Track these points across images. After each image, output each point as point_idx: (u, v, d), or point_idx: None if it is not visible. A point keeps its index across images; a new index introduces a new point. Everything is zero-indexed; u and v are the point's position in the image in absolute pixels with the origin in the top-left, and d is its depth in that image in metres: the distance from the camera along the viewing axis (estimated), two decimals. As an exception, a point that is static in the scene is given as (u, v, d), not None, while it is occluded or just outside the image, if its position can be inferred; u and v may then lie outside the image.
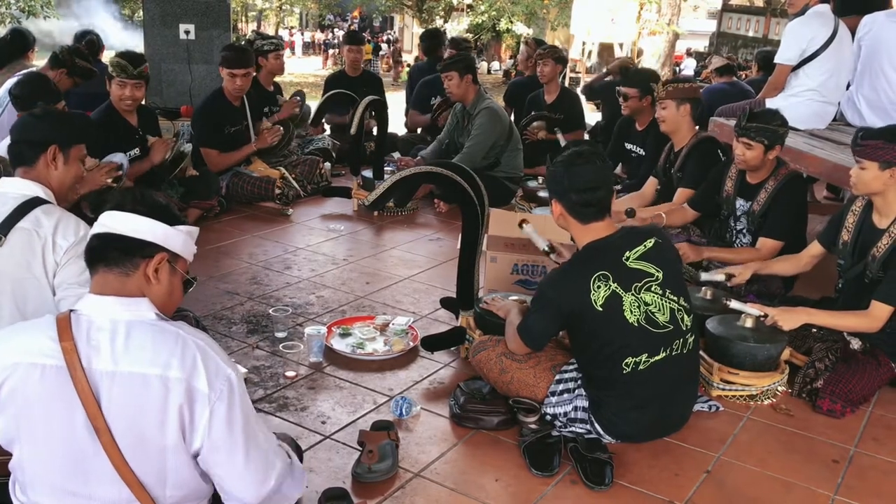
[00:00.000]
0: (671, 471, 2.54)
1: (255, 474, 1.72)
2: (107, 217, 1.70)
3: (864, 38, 4.66)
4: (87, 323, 1.64)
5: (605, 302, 2.47)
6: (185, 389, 1.61)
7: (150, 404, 1.60)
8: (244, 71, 5.07)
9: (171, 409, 1.61)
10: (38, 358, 1.60)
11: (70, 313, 1.65)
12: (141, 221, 1.69)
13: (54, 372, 1.59)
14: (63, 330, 1.61)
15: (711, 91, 6.64)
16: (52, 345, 1.60)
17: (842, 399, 2.91)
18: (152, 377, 1.60)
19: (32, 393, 1.60)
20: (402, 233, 4.96)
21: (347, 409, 2.83)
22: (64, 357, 1.58)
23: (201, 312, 3.44)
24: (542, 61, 6.20)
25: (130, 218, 1.69)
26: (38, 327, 1.65)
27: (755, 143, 3.55)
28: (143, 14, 6.83)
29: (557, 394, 2.65)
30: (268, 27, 32.33)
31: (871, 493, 2.49)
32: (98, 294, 1.67)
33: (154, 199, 1.76)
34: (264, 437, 1.76)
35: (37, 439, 1.62)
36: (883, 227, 3.05)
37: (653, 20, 18.77)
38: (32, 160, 2.50)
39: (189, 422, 1.63)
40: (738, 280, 3.38)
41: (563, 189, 2.56)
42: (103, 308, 1.65)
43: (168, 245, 1.72)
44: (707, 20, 29.29)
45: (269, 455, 1.75)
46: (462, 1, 23.58)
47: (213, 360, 1.66)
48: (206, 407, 1.63)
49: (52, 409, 1.60)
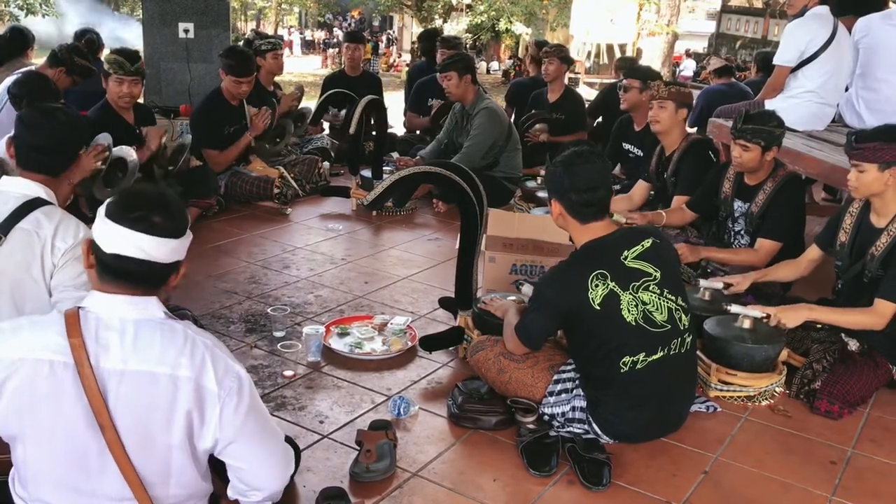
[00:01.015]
0: (669, 471, 2.54)
1: (276, 466, 1.81)
2: (142, 241, 1.63)
3: (861, 41, 4.67)
4: (95, 320, 1.64)
5: (602, 301, 2.47)
6: (195, 388, 1.63)
7: (158, 402, 1.62)
8: (249, 78, 5.11)
9: (179, 408, 1.62)
10: (46, 354, 1.60)
11: (78, 310, 1.65)
12: (175, 244, 1.68)
13: (61, 368, 1.59)
14: (71, 326, 1.61)
15: (710, 92, 6.66)
16: (61, 340, 1.60)
17: (839, 400, 2.92)
18: (162, 375, 1.61)
19: (38, 389, 1.60)
20: (400, 232, 4.96)
21: (345, 409, 2.83)
22: (72, 353, 1.59)
23: (199, 312, 3.44)
24: (548, 59, 6.21)
25: (165, 243, 1.65)
26: (45, 323, 1.65)
27: (752, 144, 3.55)
28: (142, 13, 6.82)
29: (555, 394, 2.65)
30: (267, 26, 32.30)
31: (868, 494, 2.50)
32: (107, 293, 1.67)
33: (178, 209, 1.71)
34: (277, 427, 1.85)
35: (41, 435, 1.62)
36: (881, 227, 3.05)
37: (652, 21, 18.78)
38: (60, 171, 2.48)
39: (199, 420, 1.65)
40: (736, 289, 3.38)
41: (564, 189, 2.57)
42: (112, 306, 1.65)
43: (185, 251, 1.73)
44: (706, 21, 29.31)
45: (282, 442, 1.84)
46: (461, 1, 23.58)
47: (222, 359, 1.70)
48: (217, 405, 1.66)
49: (58, 406, 1.60)
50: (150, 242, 1.64)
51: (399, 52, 31.65)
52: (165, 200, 1.69)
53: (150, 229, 1.63)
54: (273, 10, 32.43)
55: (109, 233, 1.64)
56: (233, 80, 5.04)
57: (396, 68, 26.70)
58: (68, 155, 2.50)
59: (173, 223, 1.67)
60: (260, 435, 1.76)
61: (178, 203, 1.74)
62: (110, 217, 1.64)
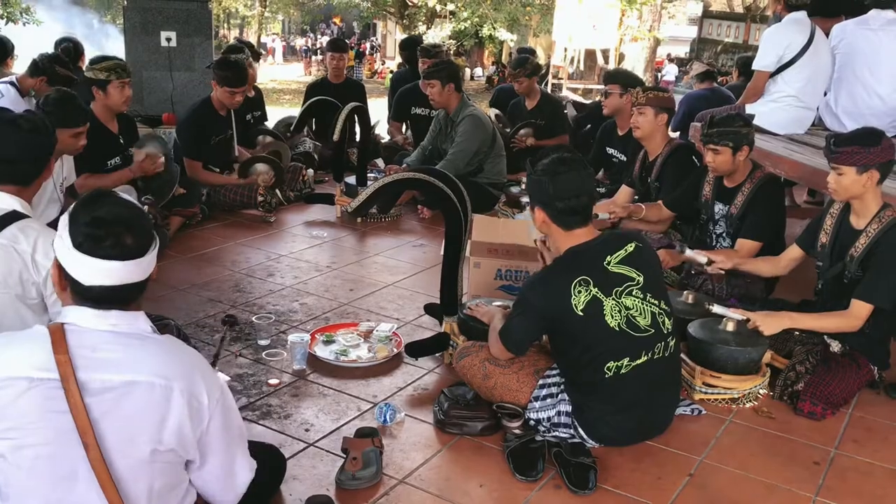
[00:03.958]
0: (654, 474, 2.55)
1: (241, 477, 1.83)
2: (119, 268, 1.61)
3: (837, 47, 4.73)
4: (81, 335, 1.61)
5: (585, 307, 2.48)
6: (188, 401, 1.63)
7: (148, 414, 1.60)
8: (243, 88, 5.22)
9: (170, 420, 1.61)
10: (32, 371, 1.57)
11: (63, 325, 1.62)
12: (150, 256, 1.66)
13: (48, 385, 1.56)
14: (57, 342, 1.58)
15: (692, 97, 6.71)
16: (47, 357, 1.57)
17: (822, 401, 2.94)
18: (156, 385, 1.60)
19: (24, 406, 1.57)
20: (385, 239, 4.96)
21: (331, 417, 2.82)
22: (58, 370, 1.56)
23: (184, 321, 3.43)
24: (517, 81, 6.34)
25: (140, 262, 1.64)
26: (31, 339, 1.62)
27: (721, 147, 3.59)
28: (123, 22, 6.79)
29: (540, 399, 2.65)
30: (250, 34, 32.20)
31: (851, 494, 2.52)
32: (90, 308, 1.64)
33: (143, 221, 1.69)
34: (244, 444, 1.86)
35: (25, 452, 1.59)
36: (860, 228, 3.09)
37: (634, 27, 18.88)
38: (31, 179, 2.44)
39: (186, 432, 1.64)
40: (717, 266, 3.42)
41: (548, 198, 2.56)
42: (98, 321, 1.64)
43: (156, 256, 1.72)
44: (688, 26, 29.51)
45: (242, 459, 1.85)
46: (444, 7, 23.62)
47: (209, 371, 1.71)
48: (206, 417, 1.66)
49: (43, 423, 1.57)
50: (127, 266, 1.62)
51: (383, 58, 31.69)
52: (130, 217, 1.65)
53: (125, 254, 1.61)
54: (257, 18, 32.35)
55: (84, 266, 1.60)
56: (227, 91, 5.08)
57: (380, 75, 26.72)
58: (37, 163, 2.47)
59: (144, 237, 1.65)
60: (237, 448, 1.78)
61: (140, 212, 1.72)
62: (82, 250, 1.59)
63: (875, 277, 2.99)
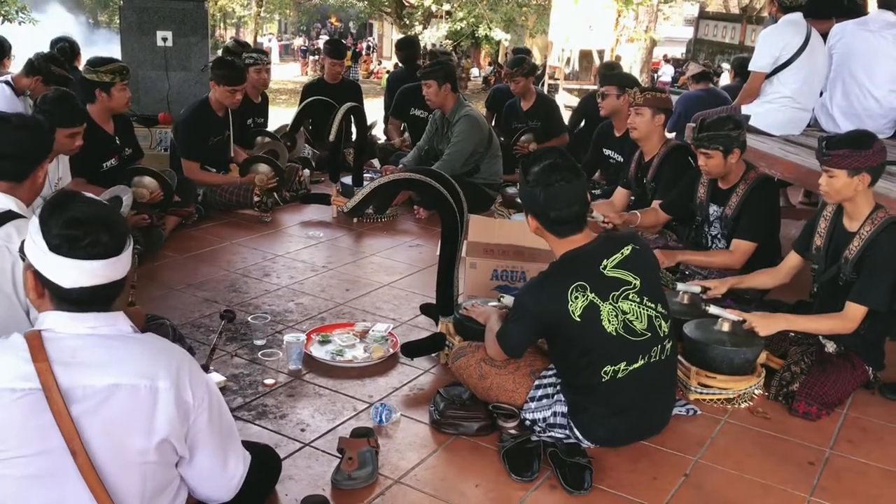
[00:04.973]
0: (649, 475, 2.55)
1: (234, 472, 1.83)
2: (98, 267, 1.59)
3: (835, 47, 4.74)
4: (60, 341, 1.59)
5: (582, 312, 2.47)
6: (174, 399, 1.62)
7: (134, 416, 1.59)
8: (243, 86, 5.22)
9: (158, 420, 1.60)
10: (12, 382, 1.54)
11: (40, 332, 1.60)
12: (126, 254, 1.65)
13: (29, 395, 1.54)
14: (36, 350, 1.56)
15: (688, 98, 6.71)
16: (26, 367, 1.54)
17: (817, 402, 2.95)
18: (140, 387, 1.59)
19: (6, 417, 1.54)
20: (381, 239, 4.96)
21: (327, 417, 2.82)
22: (39, 378, 1.53)
23: (179, 321, 3.42)
24: (513, 81, 6.34)
25: (117, 260, 1.62)
26: (8, 349, 1.59)
27: (712, 150, 3.61)
28: (119, 21, 6.78)
29: (536, 399, 2.66)
30: (247, 34, 32.14)
31: (845, 494, 2.53)
32: (69, 312, 1.63)
33: (116, 218, 1.67)
34: (238, 443, 1.86)
35: (13, 463, 1.56)
36: (853, 230, 3.09)
37: (630, 27, 18.90)
38: (23, 176, 2.44)
39: (175, 431, 1.63)
40: (713, 293, 3.41)
41: (540, 207, 2.55)
42: (77, 325, 1.62)
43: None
44: (684, 27, 29.56)
45: (235, 461, 1.85)
46: (441, 7, 23.60)
47: (196, 369, 1.69)
48: (191, 415, 1.66)
49: (29, 433, 1.54)
50: (105, 265, 1.60)
51: (379, 59, 31.69)
52: (104, 215, 1.64)
53: (102, 252, 1.59)
54: (253, 18, 32.29)
55: (62, 268, 1.58)
56: (227, 90, 5.09)
57: (377, 75, 26.71)
58: (29, 160, 2.47)
59: (120, 235, 1.63)
60: (226, 446, 1.78)
61: (112, 209, 1.71)
62: (59, 252, 1.57)
63: (869, 279, 3.00)
